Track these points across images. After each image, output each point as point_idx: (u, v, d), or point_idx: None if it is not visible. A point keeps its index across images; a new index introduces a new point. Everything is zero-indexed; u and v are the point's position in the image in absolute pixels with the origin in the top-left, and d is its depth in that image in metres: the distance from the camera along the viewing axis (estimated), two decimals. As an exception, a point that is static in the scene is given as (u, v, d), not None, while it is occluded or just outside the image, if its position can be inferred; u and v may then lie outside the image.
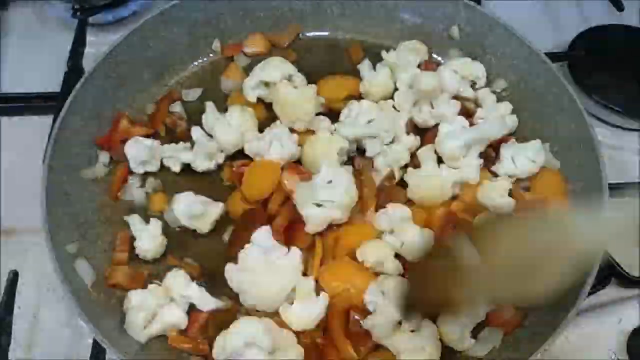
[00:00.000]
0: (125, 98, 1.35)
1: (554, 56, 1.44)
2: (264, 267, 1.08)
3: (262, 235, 1.13)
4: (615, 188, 1.25)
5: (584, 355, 1.16)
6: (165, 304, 1.09)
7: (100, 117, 1.30)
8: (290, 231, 1.17)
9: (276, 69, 1.35)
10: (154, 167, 1.29)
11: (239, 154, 1.30)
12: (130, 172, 1.28)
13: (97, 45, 1.56)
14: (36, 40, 1.65)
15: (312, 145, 1.27)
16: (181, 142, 1.30)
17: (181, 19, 1.41)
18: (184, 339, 1.08)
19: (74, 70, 1.43)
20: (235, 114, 1.29)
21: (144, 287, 1.12)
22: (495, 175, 1.26)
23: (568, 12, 1.75)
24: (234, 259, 1.11)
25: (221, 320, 1.07)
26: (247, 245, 1.11)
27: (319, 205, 1.14)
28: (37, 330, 1.20)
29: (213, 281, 1.15)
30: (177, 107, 1.37)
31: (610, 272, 1.22)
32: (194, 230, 1.21)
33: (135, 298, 1.10)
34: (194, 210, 1.18)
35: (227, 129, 1.27)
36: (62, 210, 1.16)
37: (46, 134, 1.22)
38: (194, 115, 1.35)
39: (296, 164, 1.26)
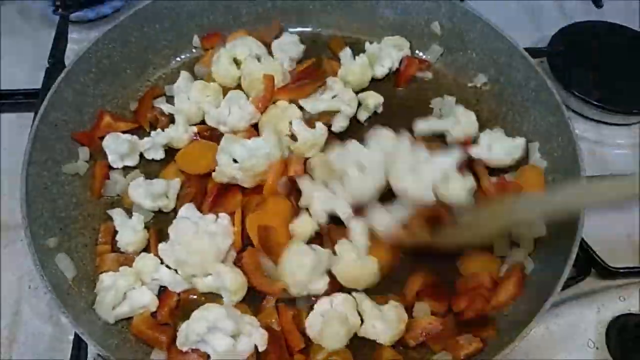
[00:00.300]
0: (107, 93, 1.35)
1: (534, 52, 1.44)
2: (197, 236, 1.11)
3: (187, 209, 1.16)
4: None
5: (564, 344, 1.18)
6: (136, 286, 1.10)
7: (82, 113, 1.30)
8: (218, 198, 1.21)
9: (245, 46, 1.37)
10: (133, 161, 1.29)
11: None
12: (111, 168, 1.28)
13: (80, 42, 1.56)
14: (18, 36, 1.65)
15: (268, 113, 1.30)
16: (159, 130, 1.31)
17: (163, 15, 1.41)
18: (148, 325, 1.08)
19: (55, 66, 1.42)
20: (197, 86, 1.32)
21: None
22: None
23: (548, 8, 1.78)
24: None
25: (190, 308, 1.07)
26: (174, 222, 1.14)
27: (235, 161, 1.18)
28: (19, 326, 1.19)
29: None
30: (160, 103, 1.37)
31: (589, 263, 1.24)
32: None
33: (107, 279, 1.10)
34: (154, 189, 1.20)
35: (185, 100, 1.31)
36: (42, 205, 1.15)
37: (27, 130, 1.22)
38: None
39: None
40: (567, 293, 1.23)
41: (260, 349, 1.03)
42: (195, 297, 1.13)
